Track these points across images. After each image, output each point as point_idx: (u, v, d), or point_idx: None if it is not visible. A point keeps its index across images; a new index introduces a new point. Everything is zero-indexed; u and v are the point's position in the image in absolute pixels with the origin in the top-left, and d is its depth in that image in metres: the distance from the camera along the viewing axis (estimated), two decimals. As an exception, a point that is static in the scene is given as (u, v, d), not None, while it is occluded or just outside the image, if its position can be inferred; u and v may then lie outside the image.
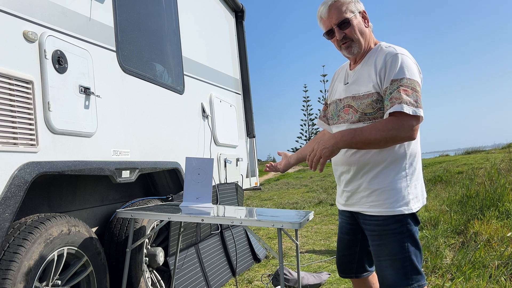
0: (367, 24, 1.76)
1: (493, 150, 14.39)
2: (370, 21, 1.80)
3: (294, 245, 4.89)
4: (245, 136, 4.58)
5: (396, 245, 1.65)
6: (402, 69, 1.59)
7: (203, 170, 2.49)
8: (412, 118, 1.53)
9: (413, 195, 1.67)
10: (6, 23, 1.67)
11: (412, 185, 1.67)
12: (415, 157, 1.69)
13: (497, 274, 2.96)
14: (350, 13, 1.72)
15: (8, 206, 1.58)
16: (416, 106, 1.53)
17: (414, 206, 1.66)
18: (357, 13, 1.74)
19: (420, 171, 1.72)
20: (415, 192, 1.68)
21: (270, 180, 17.38)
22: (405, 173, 1.67)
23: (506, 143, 15.32)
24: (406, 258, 1.65)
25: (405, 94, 1.54)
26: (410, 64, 1.60)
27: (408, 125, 1.53)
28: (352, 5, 1.73)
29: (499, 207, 4.77)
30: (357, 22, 1.73)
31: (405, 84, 1.56)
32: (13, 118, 1.65)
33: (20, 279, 1.61)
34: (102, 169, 2.14)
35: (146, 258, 2.64)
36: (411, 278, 1.65)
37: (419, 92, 1.57)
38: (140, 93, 2.58)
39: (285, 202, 9.49)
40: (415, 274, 1.66)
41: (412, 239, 1.66)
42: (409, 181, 1.67)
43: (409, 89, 1.55)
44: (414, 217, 1.67)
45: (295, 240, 2.32)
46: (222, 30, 4.20)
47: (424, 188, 1.74)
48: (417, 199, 1.68)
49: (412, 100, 1.53)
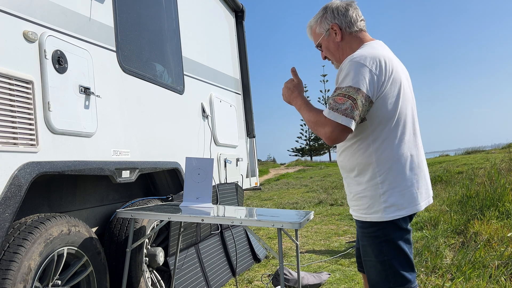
0: (339, 38, 1.77)
1: (493, 150, 14.39)
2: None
3: (294, 245, 4.89)
4: (245, 136, 4.58)
5: (375, 248, 1.66)
6: (344, 78, 1.59)
7: (203, 170, 2.49)
8: (333, 125, 1.55)
9: (388, 203, 1.62)
10: (6, 23, 1.67)
11: (388, 193, 1.62)
12: (391, 164, 1.63)
13: (497, 274, 2.96)
14: (320, 35, 1.81)
15: (8, 206, 1.58)
16: (346, 115, 1.53)
17: (390, 215, 1.61)
18: (325, 33, 1.79)
19: (406, 178, 1.64)
20: (393, 200, 1.62)
21: (270, 180, 17.37)
22: (379, 180, 1.64)
23: (506, 143, 15.32)
24: (385, 262, 1.64)
25: (338, 103, 1.56)
26: (359, 71, 1.57)
27: (328, 131, 1.57)
28: (320, 26, 1.80)
29: (499, 207, 4.77)
30: (326, 43, 1.81)
31: (342, 93, 1.57)
32: (13, 118, 1.65)
33: (20, 279, 1.61)
34: (102, 169, 2.14)
35: (146, 258, 2.64)
36: (391, 281, 1.65)
37: (356, 101, 1.54)
38: (140, 93, 2.58)
39: (285, 202, 9.49)
40: (396, 277, 1.64)
41: (390, 244, 1.64)
42: (384, 189, 1.63)
43: (345, 98, 1.55)
44: (394, 223, 1.63)
45: (295, 240, 2.32)
46: (222, 30, 4.20)
47: (417, 195, 1.65)
48: (396, 207, 1.62)
49: (343, 107, 1.54)
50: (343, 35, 1.77)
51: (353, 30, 1.76)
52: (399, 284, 1.65)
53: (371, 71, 1.59)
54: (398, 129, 1.66)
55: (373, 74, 1.58)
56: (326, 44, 1.81)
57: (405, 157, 1.65)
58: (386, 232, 1.64)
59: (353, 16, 1.77)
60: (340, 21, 1.77)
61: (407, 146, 1.67)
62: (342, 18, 1.77)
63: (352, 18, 1.77)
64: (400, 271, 1.65)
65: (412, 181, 1.65)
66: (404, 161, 1.65)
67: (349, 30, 1.77)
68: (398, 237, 1.65)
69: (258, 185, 4.85)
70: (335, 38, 1.78)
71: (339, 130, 1.55)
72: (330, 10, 1.79)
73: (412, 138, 1.70)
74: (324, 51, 1.84)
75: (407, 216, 1.64)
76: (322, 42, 1.82)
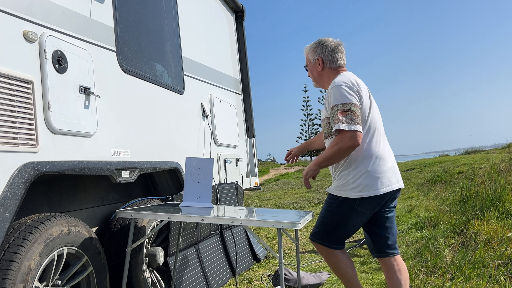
0: (320, 68, 2.36)
1: (493, 150, 14.39)
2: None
3: (294, 245, 4.89)
4: (245, 136, 4.58)
5: (323, 209, 2.33)
6: (336, 98, 2.13)
7: (203, 170, 2.49)
8: (348, 132, 2.05)
9: (355, 185, 2.19)
10: (6, 23, 1.67)
11: (356, 178, 2.19)
12: (363, 158, 2.19)
13: (497, 274, 2.96)
14: (309, 61, 2.43)
15: (8, 206, 1.58)
16: (350, 123, 2.04)
17: (354, 195, 2.19)
18: (312, 61, 2.39)
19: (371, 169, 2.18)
20: (359, 183, 2.18)
21: (270, 180, 17.38)
22: (352, 169, 2.21)
23: (506, 143, 15.32)
24: (323, 222, 2.29)
25: (341, 116, 2.07)
26: (343, 92, 2.12)
27: (347, 138, 2.05)
28: (311, 54, 2.40)
29: (499, 207, 4.77)
30: (311, 68, 2.41)
31: (340, 108, 2.09)
32: (13, 118, 1.65)
33: (20, 279, 1.61)
34: (102, 169, 2.14)
35: (146, 258, 2.64)
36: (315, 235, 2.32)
37: (354, 111, 2.07)
38: (140, 93, 2.58)
39: (285, 202, 9.49)
40: (322, 235, 2.29)
41: (332, 213, 2.26)
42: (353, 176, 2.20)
43: (345, 111, 2.08)
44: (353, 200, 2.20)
45: (295, 240, 2.32)
46: (222, 30, 4.20)
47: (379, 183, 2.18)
48: (359, 189, 2.18)
49: (347, 119, 2.05)
50: (323, 67, 2.36)
51: (332, 66, 2.34)
52: (321, 240, 2.32)
53: (352, 88, 2.16)
54: (370, 132, 2.21)
55: (354, 90, 2.16)
56: (311, 68, 2.42)
57: (374, 153, 2.20)
58: (346, 204, 2.21)
59: (335, 56, 2.34)
60: (325, 57, 2.35)
61: (375, 145, 2.21)
62: (327, 55, 2.34)
63: (334, 58, 2.34)
64: (328, 234, 2.29)
65: (377, 171, 2.18)
66: (372, 156, 2.19)
67: (329, 66, 2.35)
68: (349, 211, 2.23)
69: (258, 185, 4.85)
70: (318, 67, 2.37)
71: (356, 134, 2.04)
72: (321, 45, 2.36)
73: (380, 138, 2.25)
74: (309, 72, 2.46)
75: (368, 197, 2.17)
76: (309, 66, 2.43)
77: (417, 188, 9.70)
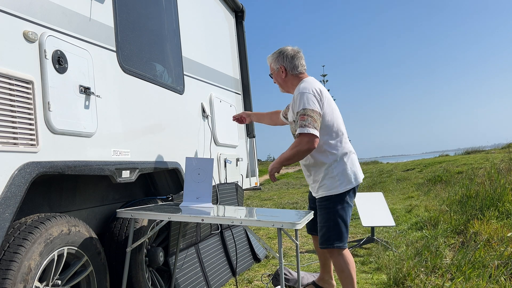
0: (284, 75, 2.65)
1: (493, 150, 14.39)
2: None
3: (294, 245, 4.89)
4: (245, 136, 4.58)
5: (322, 215, 2.61)
6: (300, 104, 2.40)
7: (203, 170, 2.49)
8: (306, 136, 2.32)
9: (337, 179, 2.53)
10: (6, 23, 1.67)
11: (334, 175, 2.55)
12: (335, 158, 2.53)
13: (497, 274, 2.96)
14: (273, 69, 2.72)
15: (8, 206, 1.58)
16: (310, 127, 2.31)
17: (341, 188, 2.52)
18: (276, 69, 2.68)
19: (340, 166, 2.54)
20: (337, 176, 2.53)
21: (270, 180, 17.38)
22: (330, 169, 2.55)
23: (506, 143, 15.31)
24: (330, 226, 2.55)
25: (302, 121, 2.34)
26: (306, 98, 2.39)
27: (304, 141, 2.33)
28: (274, 63, 2.68)
29: (499, 207, 4.77)
30: (276, 76, 2.71)
31: (302, 113, 2.36)
32: (13, 118, 1.65)
33: (20, 279, 1.61)
34: (102, 169, 2.14)
35: (146, 258, 2.64)
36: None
37: (313, 117, 2.34)
38: (140, 93, 2.58)
39: (285, 202, 9.49)
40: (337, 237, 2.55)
41: (333, 213, 2.54)
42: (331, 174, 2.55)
43: (305, 116, 2.34)
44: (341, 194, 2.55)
45: (295, 240, 2.32)
46: (222, 30, 4.20)
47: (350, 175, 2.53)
48: (339, 184, 2.52)
49: (307, 124, 2.32)
50: (287, 74, 2.64)
51: (294, 72, 2.62)
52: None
53: (315, 96, 2.41)
54: (339, 133, 2.53)
55: (317, 98, 2.41)
56: (276, 76, 2.71)
57: (346, 150, 2.55)
58: (339, 199, 2.55)
59: (296, 63, 2.60)
60: (286, 65, 2.62)
61: (345, 144, 2.55)
62: (289, 63, 2.61)
63: (295, 65, 2.60)
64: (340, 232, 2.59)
65: (353, 165, 2.57)
66: (347, 153, 2.55)
67: (291, 72, 2.62)
68: (343, 205, 2.56)
69: (258, 185, 4.85)
70: (281, 75, 2.66)
71: (312, 138, 2.33)
72: (282, 55, 2.63)
73: (345, 137, 2.58)
74: (274, 79, 2.75)
75: (353, 188, 2.53)
76: (273, 74, 2.72)
77: (417, 188, 9.70)
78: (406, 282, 3.09)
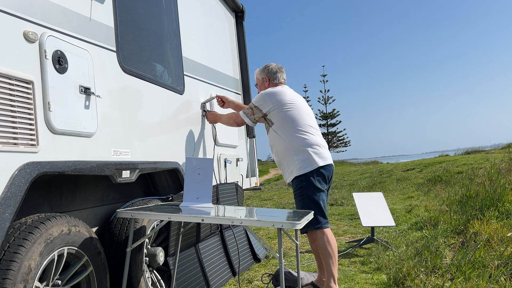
0: (267, 84, 3.25)
1: (493, 150, 14.40)
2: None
3: (294, 245, 4.89)
4: (245, 136, 4.58)
5: (299, 199, 3.00)
6: (255, 98, 3.06)
7: (203, 170, 2.49)
8: (240, 118, 3.09)
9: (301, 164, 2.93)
10: (6, 23, 1.67)
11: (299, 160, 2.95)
12: (298, 146, 2.94)
13: (497, 274, 2.96)
14: (258, 80, 3.33)
15: (8, 206, 1.58)
16: (247, 114, 3.06)
17: (301, 172, 2.92)
18: (261, 79, 3.29)
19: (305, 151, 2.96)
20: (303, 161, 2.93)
21: (270, 180, 17.38)
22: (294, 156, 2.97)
23: (506, 143, 15.32)
24: (310, 208, 2.89)
25: (247, 109, 3.08)
26: (261, 97, 3.02)
27: (238, 120, 3.13)
28: (260, 74, 3.31)
29: (499, 207, 4.77)
30: (260, 84, 3.31)
31: (251, 106, 3.06)
32: (13, 118, 1.65)
33: (20, 279, 1.61)
34: (102, 169, 2.14)
35: (146, 258, 2.64)
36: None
37: (254, 111, 3.03)
38: (140, 93, 2.58)
39: (285, 202, 9.49)
40: (316, 219, 2.88)
41: (307, 192, 2.91)
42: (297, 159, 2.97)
43: (250, 108, 3.06)
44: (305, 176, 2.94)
45: (295, 240, 2.33)
46: (222, 30, 4.20)
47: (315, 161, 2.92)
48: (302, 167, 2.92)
49: (247, 112, 3.06)
50: (269, 84, 3.25)
51: (275, 82, 3.24)
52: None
53: (269, 97, 2.99)
54: (305, 126, 2.99)
55: (268, 100, 2.98)
56: (260, 84, 3.31)
57: (305, 143, 2.94)
58: (308, 177, 2.93)
59: (277, 75, 3.24)
60: (270, 76, 3.25)
61: (305, 138, 2.94)
62: (272, 75, 3.24)
63: (277, 77, 3.24)
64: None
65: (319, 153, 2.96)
66: (305, 146, 2.94)
67: (273, 82, 3.24)
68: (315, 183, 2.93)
69: (258, 185, 4.85)
70: (265, 83, 3.26)
71: (242, 122, 3.11)
72: (267, 68, 3.26)
73: (309, 133, 2.96)
74: (258, 89, 3.35)
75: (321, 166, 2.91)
76: (258, 83, 3.34)
77: (417, 188, 9.70)
78: (406, 282, 3.09)
